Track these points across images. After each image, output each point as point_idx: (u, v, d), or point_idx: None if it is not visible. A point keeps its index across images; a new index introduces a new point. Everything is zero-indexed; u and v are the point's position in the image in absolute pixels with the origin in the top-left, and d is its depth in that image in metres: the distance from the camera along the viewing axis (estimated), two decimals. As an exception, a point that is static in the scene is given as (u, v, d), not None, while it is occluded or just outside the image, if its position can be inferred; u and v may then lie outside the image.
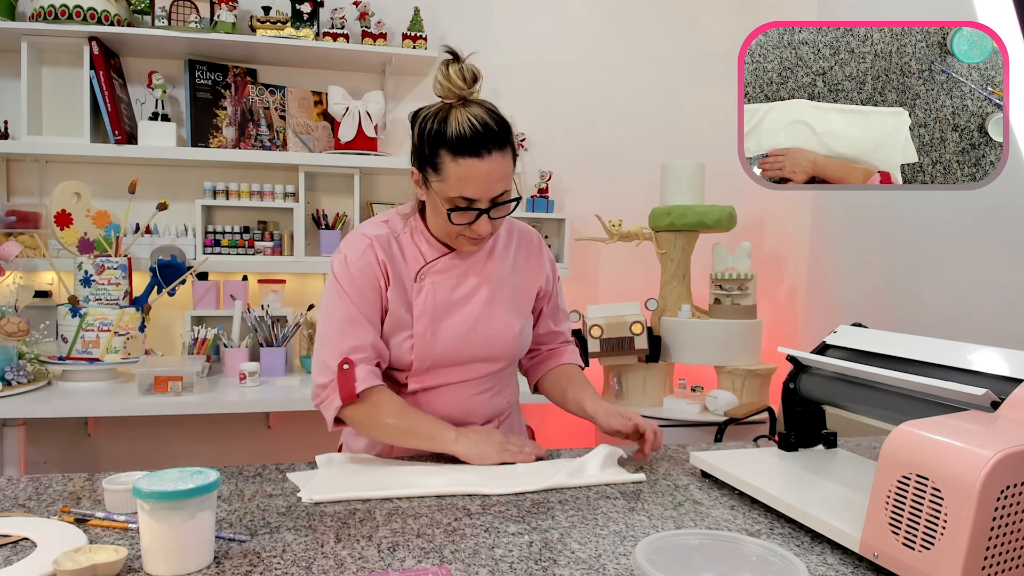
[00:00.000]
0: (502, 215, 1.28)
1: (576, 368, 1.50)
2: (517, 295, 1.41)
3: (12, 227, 2.36)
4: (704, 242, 2.72)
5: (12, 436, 2.15)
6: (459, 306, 1.34)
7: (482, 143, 1.20)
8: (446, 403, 1.36)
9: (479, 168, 1.20)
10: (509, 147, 1.25)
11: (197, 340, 2.39)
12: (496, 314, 1.36)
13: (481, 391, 1.39)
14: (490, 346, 1.36)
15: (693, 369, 2.80)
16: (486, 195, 1.23)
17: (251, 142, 2.62)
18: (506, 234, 1.44)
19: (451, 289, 1.33)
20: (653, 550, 0.78)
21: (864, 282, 2.60)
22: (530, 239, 1.48)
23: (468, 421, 1.37)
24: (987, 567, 0.72)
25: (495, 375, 1.40)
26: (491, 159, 1.21)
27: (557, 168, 2.94)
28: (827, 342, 1.21)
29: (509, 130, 1.27)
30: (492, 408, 1.41)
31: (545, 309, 1.49)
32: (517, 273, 1.42)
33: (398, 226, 1.35)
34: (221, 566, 0.85)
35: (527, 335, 1.43)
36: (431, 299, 1.31)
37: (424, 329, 1.30)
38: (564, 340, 1.53)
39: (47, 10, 2.32)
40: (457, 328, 1.33)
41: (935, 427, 0.80)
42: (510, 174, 1.26)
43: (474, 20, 2.89)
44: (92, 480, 1.16)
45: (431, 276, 1.32)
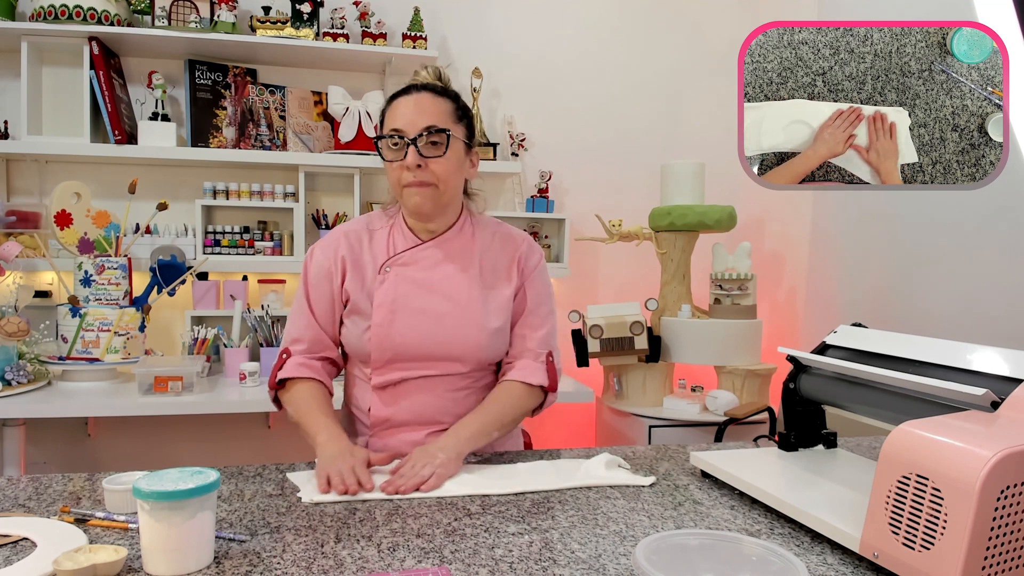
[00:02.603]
0: (430, 152, 1.27)
1: (507, 386, 1.36)
2: (490, 296, 1.36)
3: (12, 227, 2.36)
4: (704, 242, 2.72)
5: (12, 436, 2.15)
6: (422, 300, 1.33)
7: (413, 87, 1.32)
8: (415, 403, 1.34)
9: (406, 102, 1.29)
10: (448, 98, 1.32)
11: (197, 340, 2.39)
12: (464, 310, 1.33)
13: (455, 389, 1.35)
14: (454, 346, 1.32)
15: (693, 369, 2.80)
16: (411, 126, 1.27)
17: (251, 142, 2.62)
18: (489, 235, 1.42)
19: (415, 282, 1.33)
20: (653, 550, 0.78)
21: (864, 282, 2.60)
22: (513, 243, 1.43)
23: (438, 421, 1.34)
24: (987, 567, 0.72)
25: (466, 378, 1.36)
26: (419, 95, 1.29)
27: (557, 168, 2.94)
28: (827, 342, 1.21)
29: (454, 94, 1.35)
30: (465, 410, 1.35)
31: (516, 316, 1.41)
32: (486, 273, 1.38)
33: (377, 221, 1.40)
34: (221, 566, 0.85)
35: (499, 345, 1.37)
36: (392, 290, 1.33)
37: (382, 319, 1.31)
38: (528, 352, 1.39)
39: (47, 10, 2.32)
40: (417, 321, 1.31)
41: (935, 427, 0.80)
42: (445, 114, 1.29)
43: (474, 20, 2.89)
44: (92, 480, 1.16)
45: (396, 268, 1.34)
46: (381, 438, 1.37)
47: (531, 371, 1.37)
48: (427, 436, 1.34)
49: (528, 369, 1.37)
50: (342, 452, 1.18)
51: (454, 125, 1.29)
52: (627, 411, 2.51)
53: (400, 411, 1.35)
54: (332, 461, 1.15)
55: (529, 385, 1.36)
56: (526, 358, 1.39)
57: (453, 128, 1.29)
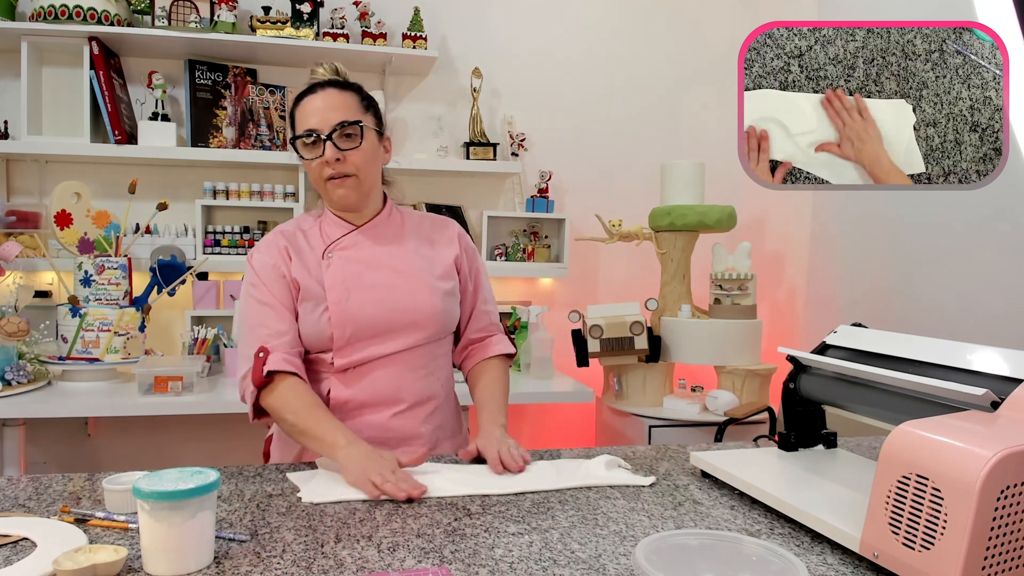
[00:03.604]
0: (346, 145, 1.31)
1: (494, 364, 1.49)
2: (433, 265, 1.43)
3: (12, 227, 2.36)
4: (704, 242, 2.72)
5: (12, 436, 2.15)
6: (371, 276, 1.37)
7: (317, 85, 1.35)
8: (376, 381, 1.35)
9: (313, 101, 1.33)
10: (352, 90, 1.36)
11: (197, 340, 2.39)
12: (413, 279, 1.39)
13: (412, 369, 1.37)
14: (411, 311, 1.36)
15: (693, 369, 2.80)
16: (321, 123, 1.30)
17: (251, 142, 2.62)
18: (417, 218, 1.50)
19: (359, 261, 1.38)
20: (653, 550, 0.78)
21: (864, 282, 2.60)
22: (443, 222, 1.52)
23: (399, 400, 1.36)
24: (987, 567, 0.72)
25: (426, 352, 1.39)
26: (325, 92, 1.33)
27: (557, 168, 2.94)
28: (827, 342, 1.21)
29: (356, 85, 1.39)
30: (425, 389, 1.39)
31: (468, 288, 1.50)
32: (424, 245, 1.45)
33: (306, 222, 1.45)
34: (221, 566, 0.85)
35: (452, 308, 1.43)
36: (340, 271, 1.36)
37: (338, 297, 1.34)
38: (493, 325, 1.54)
39: (47, 10, 2.32)
40: (373, 293, 1.35)
41: (935, 427, 0.80)
42: (353, 106, 1.33)
43: (474, 20, 2.89)
44: (92, 480, 1.16)
45: (337, 252, 1.38)
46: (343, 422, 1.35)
47: (504, 343, 1.52)
48: (390, 418, 1.35)
49: (502, 343, 1.52)
50: (371, 455, 1.16)
51: (363, 115, 1.34)
52: (627, 411, 2.51)
53: (360, 392, 1.34)
54: (367, 467, 1.12)
55: (504, 357, 1.51)
56: (494, 333, 1.53)
57: (364, 118, 1.34)
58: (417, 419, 1.38)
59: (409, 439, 1.37)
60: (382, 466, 1.12)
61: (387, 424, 1.35)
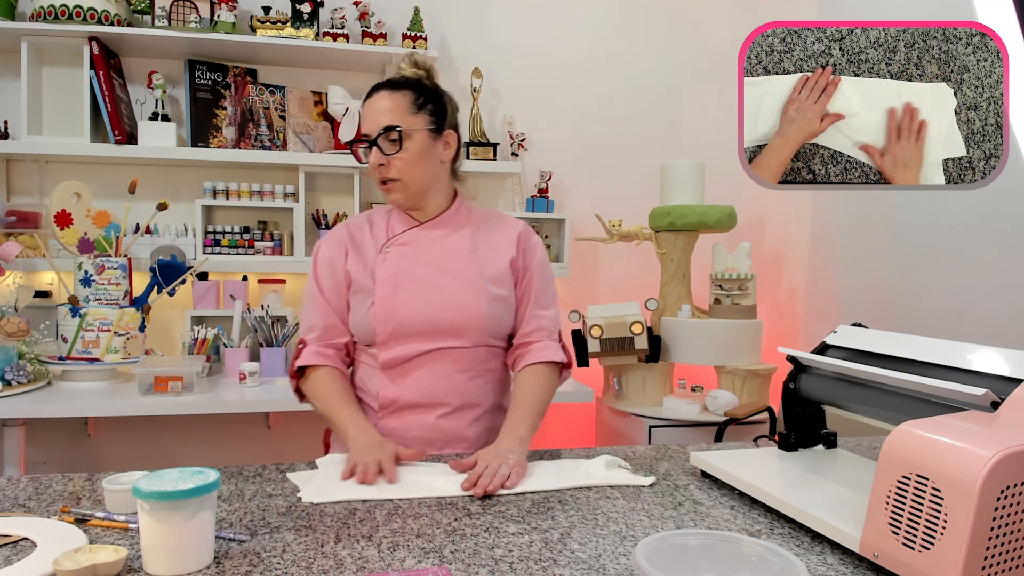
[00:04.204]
0: (388, 150, 1.34)
1: (535, 371, 1.40)
2: (487, 268, 1.41)
3: (12, 227, 2.36)
4: (704, 242, 2.72)
5: (12, 436, 2.15)
6: (423, 273, 1.38)
7: (374, 88, 1.37)
8: (420, 380, 1.36)
9: (367, 106, 1.37)
10: (405, 89, 1.35)
11: (197, 340, 2.39)
12: (464, 281, 1.38)
13: (460, 369, 1.38)
14: (455, 312, 1.36)
15: (693, 369, 2.80)
16: (370, 127, 1.35)
17: (251, 142, 2.62)
18: (485, 216, 1.49)
19: (414, 258, 1.39)
20: (653, 550, 0.78)
21: (864, 282, 2.60)
22: (508, 222, 1.50)
23: (444, 402, 1.37)
24: (987, 567, 0.72)
25: (472, 354, 1.38)
26: (377, 96, 1.36)
27: (557, 168, 2.94)
28: (827, 342, 1.21)
29: (413, 82, 1.38)
30: (472, 392, 1.39)
31: (523, 295, 1.46)
32: (482, 246, 1.43)
33: (377, 214, 1.48)
34: (221, 566, 0.85)
35: (501, 314, 1.41)
36: (393, 266, 1.38)
37: (385, 293, 1.36)
38: (542, 331, 1.45)
39: (47, 10, 2.32)
40: (419, 293, 1.36)
41: (935, 427, 0.80)
42: (400, 109, 1.34)
43: (474, 20, 2.89)
44: (92, 480, 1.16)
45: (395, 247, 1.40)
46: (389, 421, 1.39)
47: (550, 351, 1.43)
48: (437, 419, 1.37)
49: (547, 349, 1.43)
50: (371, 444, 1.22)
51: (411, 117, 1.34)
52: (627, 411, 2.51)
53: (407, 391, 1.37)
54: (361, 453, 1.19)
55: (550, 364, 1.42)
56: (542, 339, 1.44)
57: (409, 121, 1.34)
58: (464, 422, 1.38)
59: (455, 441, 1.39)
60: (371, 455, 1.17)
61: (434, 424, 1.37)
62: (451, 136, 1.41)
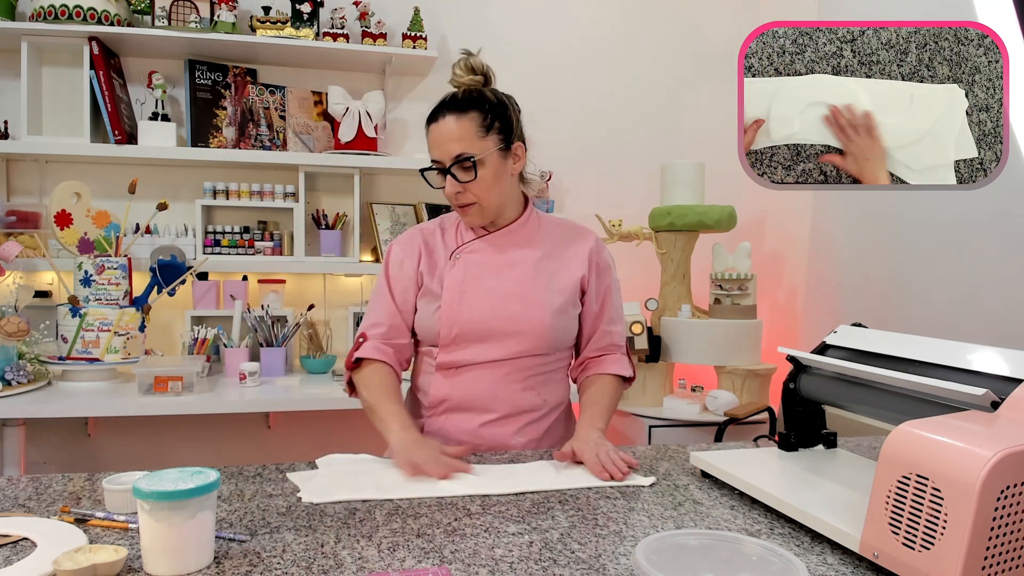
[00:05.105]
0: (464, 177, 1.34)
1: (606, 379, 1.46)
2: (554, 280, 1.42)
3: (12, 227, 2.36)
4: (704, 242, 2.72)
5: (12, 436, 2.15)
6: (490, 281, 1.40)
7: (439, 109, 1.35)
8: (472, 383, 1.39)
9: (435, 131, 1.35)
10: (471, 111, 1.33)
11: (197, 340, 2.39)
12: (529, 292, 1.39)
13: (512, 380, 1.39)
14: (518, 321, 1.38)
15: (693, 369, 2.80)
16: (442, 155, 1.34)
17: (251, 142, 2.62)
18: (556, 225, 1.50)
19: (483, 265, 1.41)
20: (653, 550, 0.78)
21: (864, 282, 2.60)
22: (580, 234, 1.50)
23: (490, 408, 1.39)
24: (987, 567, 0.72)
25: (529, 364, 1.40)
26: (444, 121, 1.33)
27: (557, 168, 2.94)
28: (827, 342, 1.21)
29: (478, 100, 1.35)
30: (522, 401, 1.41)
31: (593, 308, 1.47)
32: (551, 259, 1.44)
33: (448, 220, 1.50)
34: (221, 566, 0.85)
35: (566, 325, 1.43)
36: (462, 273, 1.40)
37: (451, 298, 1.39)
38: (614, 345, 1.49)
39: (47, 10, 2.32)
40: (484, 300, 1.38)
41: (935, 427, 0.80)
42: (467, 136, 1.32)
43: (474, 20, 2.89)
44: (92, 480, 1.16)
45: (465, 255, 1.42)
46: (436, 421, 1.42)
47: (621, 365, 1.48)
48: (480, 426, 1.39)
49: (619, 364, 1.48)
50: (419, 441, 1.24)
51: (481, 142, 1.33)
52: (627, 411, 2.51)
53: (457, 392, 1.40)
54: (412, 450, 1.20)
55: (622, 377, 1.47)
56: (615, 353, 1.49)
57: (480, 146, 1.33)
58: (509, 430, 1.39)
59: (499, 449, 1.40)
60: (426, 451, 1.20)
61: (477, 432, 1.39)
62: (519, 148, 1.40)
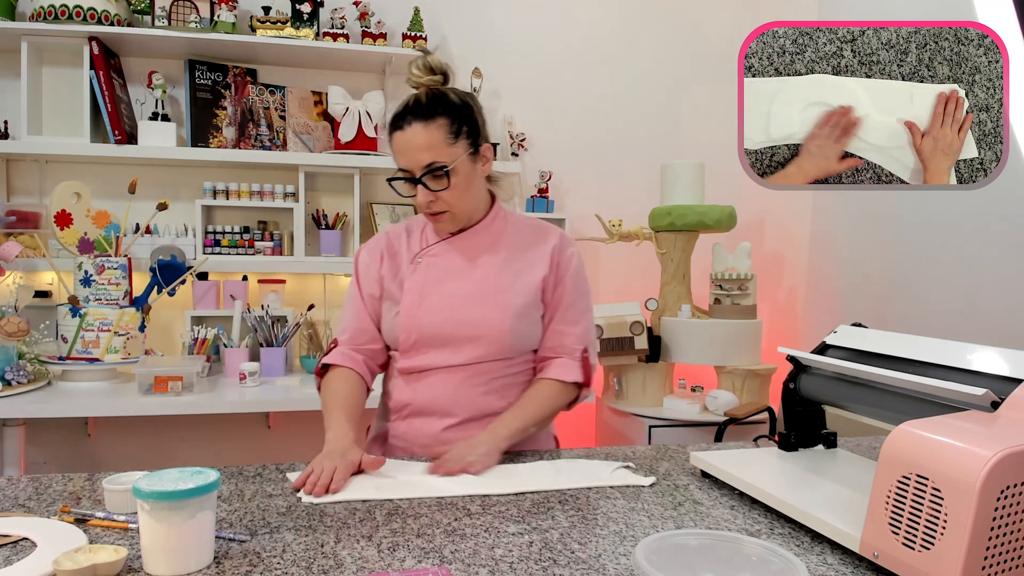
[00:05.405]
0: (436, 187, 1.31)
1: (541, 384, 1.39)
2: (517, 282, 1.39)
3: (12, 227, 2.36)
4: (704, 242, 2.72)
5: (12, 436, 2.14)
6: (450, 285, 1.38)
7: (403, 116, 1.31)
8: (433, 388, 1.37)
9: (400, 139, 1.31)
10: (439, 118, 1.29)
11: (197, 340, 2.39)
12: (489, 295, 1.37)
13: (474, 384, 1.37)
14: (477, 326, 1.35)
15: (693, 369, 2.80)
16: (411, 164, 1.30)
17: (251, 142, 2.62)
18: (522, 224, 1.47)
19: (444, 270, 1.40)
20: (653, 550, 0.78)
21: (864, 282, 2.60)
22: (545, 233, 1.45)
23: (451, 413, 1.37)
24: (987, 567, 0.72)
25: (491, 369, 1.37)
26: (411, 129, 1.29)
27: (557, 168, 2.94)
28: (827, 342, 1.21)
29: (443, 104, 1.31)
30: (484, 406, 1.37)
31: (551, 311, 1.42)
32: (516, 260, 1.41)
33: (416, 223, 1.49)
34: (221, 566, 0.85)
35: (527, 330, 1.39)
36: (422, 277, 1.39)
37: (411, 302, 1.37)
38: (563, 347, 1.42)
39: (47, 10, 2.32)
40: (444, 304, 1.37)
41: (935, 427, 0.80)
42: (436, 145, 1.28)
43: (474, 20, 2.89)
44: (92, 480, 1.16)
45: (427, 258, 1.41)
46: (400, 425, 1.41)
47: (567, 369, 1.40)
48: (443, 431, 1.36)
49: (565, 367, 1.40)
50: (333, 453, 1.19)
51: (451, 148, 1.29)
52: (627, 411, 2.51)
53: (419, 397, 1.38)
54: (321, 460, 1.17)
55: (564, 382, 1.40)
56: (563, 356, 1.42)
57: (450, 153, 1.29)
58: (471, 434, 1.34)
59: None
60: (328, 462, 1.15)
61: (440, 436, 1.36)
62: (487, 149, 1.37)
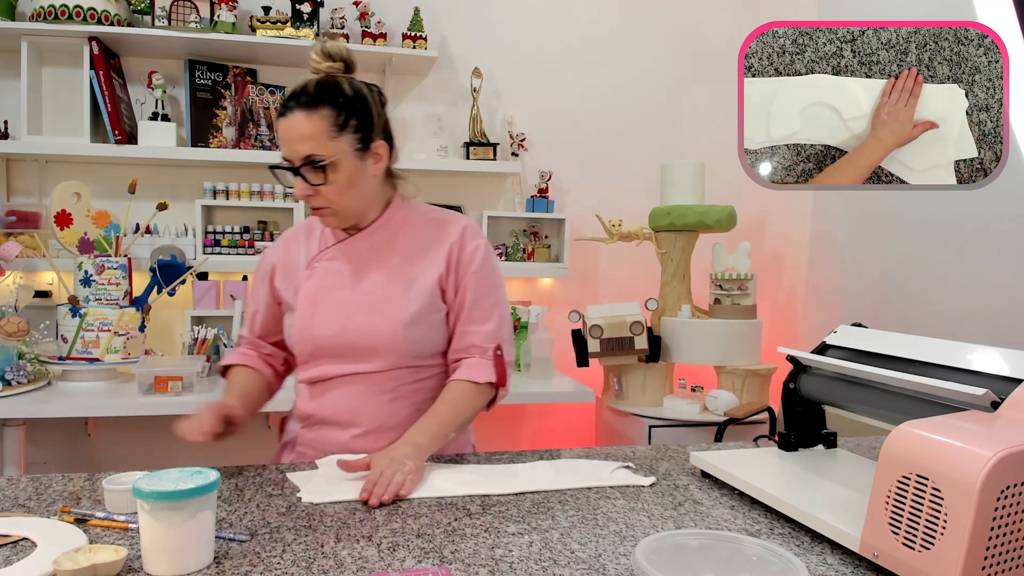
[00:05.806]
0: (314, 180, 1.23)
1: (454, 387, 1.32)
2: (412, 285, 1.32)
3: (12, 227, 2.36)
4: (704, 242, 2.72)
5: (12, 436, 2.15)
6: (343, 293, 1.33)
7: (286, 104, 1.24)
8: (336, 399, 1.33)
9: (282, 126, 1.24)
10: (322, 108, 1.22)
11: (197, 340, 2.39)
12: (379, 303, 1.30)
13: (377, 393, 1.32)
14: (369, 336, 1.29)
15: (693, 369, 2.80)
16: (291, 154, 1.24)
17: (251, 142, 2.62)
18: (421, 221, 1.38)
19: (338, 276, 1.35)
20: (653, 550, 0.78)
21: (864, 282, 2.60)
22: (446, 228, 1.37)
23: (356, 423, 1.32)
24: (987, 567, 0.72)
25: (393, 377, 1.32)
26: (292, 117, 1.23)
27: (557, 168, 2.94)
28: (827, 342, 1.21)
29: (332, 94, 1.24)
30: (390, 414, 1.32)
31: (456, 311, 1.35)
32: (412, 262, 1.34)
33: (318, 221, 1.38)
34: (221, 566, 0.85)
35: (424, 335, 1.32)
36: (315, 285, 1.35)
37: (303, 313, 1.34)
38: (474, 347, 1.34)
39: (47, 10, 2.32)
40: (336, 314, 1.32)
41: (935, 427, 0.80)
42: (317, 136, 1.21)
43: (474, 20, 2.89)
44: (92, 480, 1.16)
45: (322, 263, 1.37)
46: (308, 434, 1.38)
47: (477, 369, 1.32)
48: (351, 440, 1.32)
49: (475, 368, 1.32)
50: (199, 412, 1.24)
51: (332, 143, 1.22)
52: (627, 411, 2.51)
53: (322, 407, 1.35)
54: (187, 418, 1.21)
55: (477, 383, 1.31)
56: (473, 355, 1.34)
57: (332, 147, 1.22)
58: (380, 443, 1.27)
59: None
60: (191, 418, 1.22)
61: (348, 445, 1.32)
62: (380, 147, 1.29)
